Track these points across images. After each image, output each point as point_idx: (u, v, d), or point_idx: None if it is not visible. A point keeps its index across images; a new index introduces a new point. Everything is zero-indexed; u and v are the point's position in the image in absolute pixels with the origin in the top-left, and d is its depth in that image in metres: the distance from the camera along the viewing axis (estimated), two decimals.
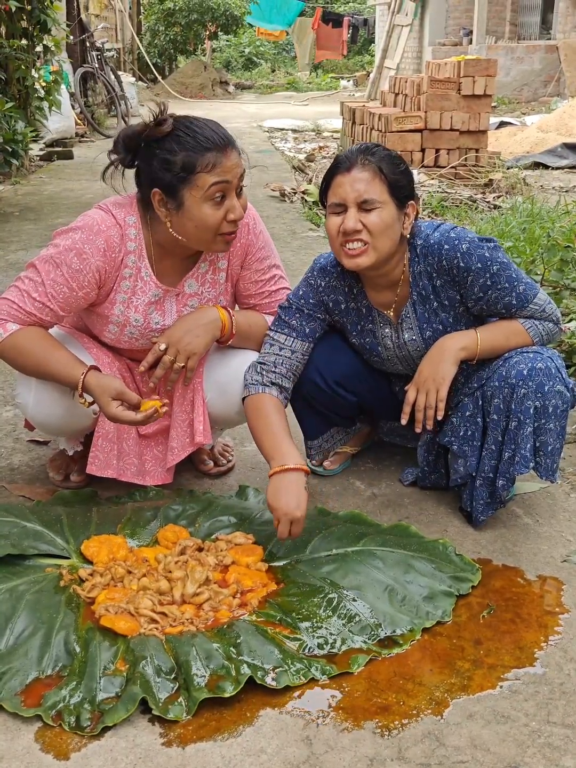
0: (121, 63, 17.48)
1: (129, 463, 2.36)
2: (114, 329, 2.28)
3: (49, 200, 7.17)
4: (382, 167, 2.10)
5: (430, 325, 2.27)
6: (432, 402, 2.19)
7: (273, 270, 2.36)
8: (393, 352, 2.36)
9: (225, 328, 2.26)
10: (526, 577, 2.08)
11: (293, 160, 9.16)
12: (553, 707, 1.66)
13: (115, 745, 1.57)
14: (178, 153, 2.03)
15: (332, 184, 2.14)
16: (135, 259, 2.20)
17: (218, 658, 1.72)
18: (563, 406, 2.15)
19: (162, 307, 2.28)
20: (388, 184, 2.10)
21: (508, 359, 2.18)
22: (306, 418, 2.50)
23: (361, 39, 26.25)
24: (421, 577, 2.00)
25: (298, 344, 2.30)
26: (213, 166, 2.03)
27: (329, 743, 1.57)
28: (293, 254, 5.25)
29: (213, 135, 2.04)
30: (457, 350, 2.20)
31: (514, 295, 2.16)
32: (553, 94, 15.15)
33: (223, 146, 2.04)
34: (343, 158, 2.14)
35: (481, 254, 2.13)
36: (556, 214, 5.30)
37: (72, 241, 2.12)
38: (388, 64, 14.68)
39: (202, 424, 2.31)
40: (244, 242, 2.28)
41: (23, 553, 2.02)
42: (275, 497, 2.02)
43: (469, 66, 7.62)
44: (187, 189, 2.05)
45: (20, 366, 2.18)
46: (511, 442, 2.16)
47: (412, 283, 2.24)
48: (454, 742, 1.58)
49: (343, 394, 2.41)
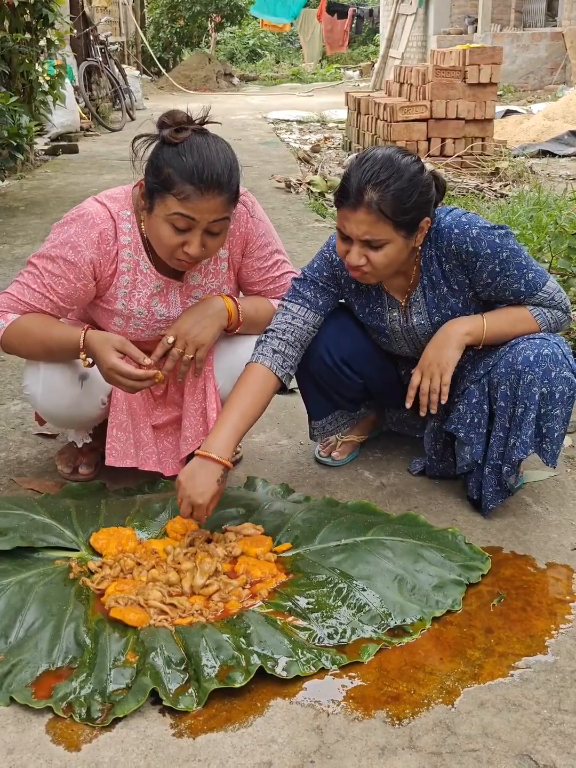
0: (125, 56, 17.46)
1: (149, 452, 2.37)
2: (119, 321, 2.28)
3: (55, 194, 7.17)
4: (388, 211, 2.00)
5: (438, 311, 2.27)
6: (436, 386, 2.18)
7: (275, 255, 2.35)
8: (401, 335, 2.36)
9: (232, 317, 2.26)
10: (536, 566, 2.07)
11: (298, 152, 9.13)
12: (564, 695, 1.65)
13: (125, 736, 1.57)
14: (168, 166, 2.00)
15: (340, 211, 2.08)
16: (131, 252, 2.20)
17: (228, 648, 1.72)
18: (570, 392, 2.14)
19: (166, 299, 2.28)
20: (393, 223, 2.03)
21: (514, 346, 2.17)
22: (311, 397, 2.50)
23: (366, 29, 26.12)
24: (431, 567, 2.00)
25: (310, 315, 2.30)
26: (185, 198, 1.98)
27: (340, 732, 1.57)
28: (299, 245, 5.24)
29: (206, 170, 1.97)
30: (462, 335, 2.19)
31: (522, 282, 2.15)
32: (559, 81, 15.05)
33: (207, 187, 1.97)
34: (350, 190, 2.03)
35: (491, 240, 2.12)
36: (563, 202, 5.27)
37: (67, 234, 2.14)
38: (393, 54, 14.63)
39: (216, 411, 2.31)
40: (244, 231, 2.26)
41: (32, 545, 2.02)
42: (186, 477, 2.04)
43: (475, 54, 7.59)
44: (158, 201, 2.03)
45: (25, 348, 2.19)
46: (516, 428, 2.15)
47: (423, 268, 2.24)
48: (465, 730, 1.57)
49: (348, 374, 2.40)
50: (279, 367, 2.22)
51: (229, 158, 2.04)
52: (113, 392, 2.29)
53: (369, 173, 2.02)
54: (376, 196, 2.00)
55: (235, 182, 2.05)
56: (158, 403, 2.44)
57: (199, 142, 2.02)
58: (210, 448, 2.06)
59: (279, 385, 2.24)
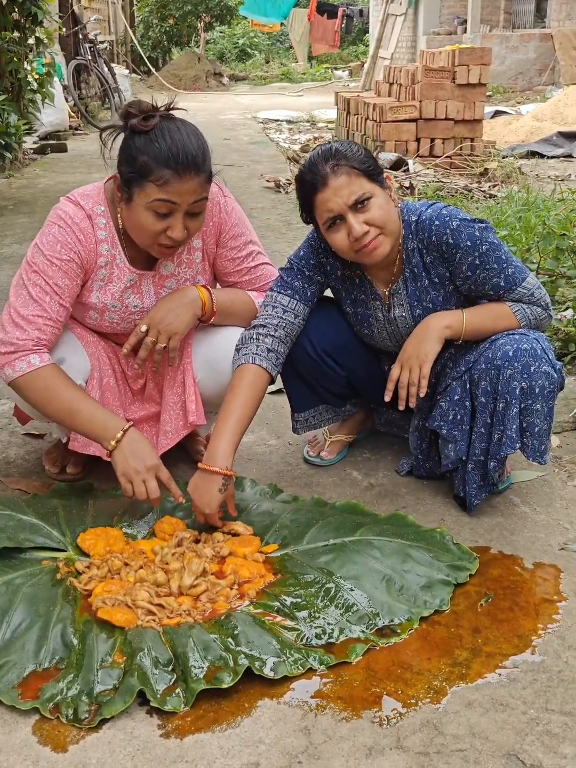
0: (114, 55, 17.42)
1: None
2: (94, 315, 2.29)
3: (43, 193, 7.14)
4: (350, 164, 2.09)
5: (420, 304, 2.28)
6: (415, 379, 2.20)
7: (249, 246, 2.35)
8: (383, 326, 2.37)
9: (205, 306, 2.26)
10: (523, 565, 2.08)
11: (288, 151, 9.13)
12: (551, 695, 1.66)
13: (113, 737, 1.57)
14: (142, 154, 2.00)
15: (316, 205, 2.14)
16: (108, 247, 2.21)
17: (216, 649, 1.72)
18: (550, 387, 2.14)
19: (139, 290, 2.28)
20: (363, 173, 2.10)
21: (494, 341, 2.19)
22: (294, 389, 2.50)
23: (356, 29, 26.13)
24: (419, 566, 2.00)
25: (300, 308, 2.31)
26: (164, 183, 1.99)
27: (328, 733, 1.57)
28: (288, 245, 5.24)
29: (181, 153, 1.99)
30: (442, 328, 2.20)
31: (502, 277, 2.17)
32: (547, 82, 15.10)
33: (185, 169, 1.99)
34: (313, 177, 2.12)
35: (471, 233, 2.14)
36: (551, 203, 5.29)
37: (53, 236, 2.15)
38: (383, 54, 14.65)
39: (195, 403, 2.31)
40: (216, 221, 2.27)
41: (19, 546, 2.01)
42: (192, 490, 2.12)
43: (464, 55, 7.59)
44: (137, 190, 2.04)
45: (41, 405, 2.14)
46: (499, 423, 2.16)
47: (405, 260, 2.26)
48: (452, 730, 1.57)
49: (331, 365, 2.41)
50: (273, 366, 2.24)
51: (200, 139, 2.07)
52: (89, 380, 2.29)
53: (322, 155, 2.13)
54: (338, 162, 2.10)
55: (209, 162, 2.08)
56: (136, 398, 2.44)
57: (169, 126, 2.04)
58: (210, 460, 2.11)
59: (271, 381, 2.26)
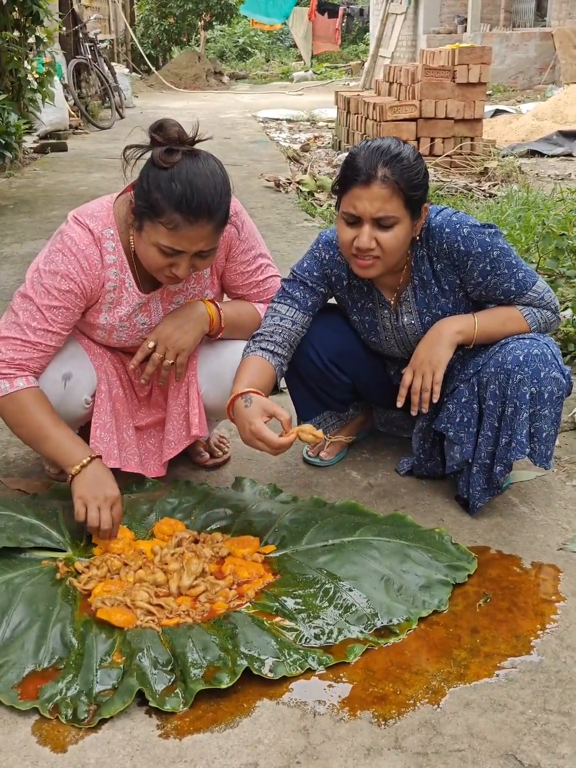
0: (114, 54, 17.41)
1: (131, 454, 2.35)
2: (102, 334, 2.28)
3: (44, 193, 7.14)
4: (401, 183, 2.04)
5: (429, 311, 2.28)
6: (428, 385, 2.19)
7: (259, 260, 2.34)
8: (391, 334, 2.36)
9: (213, 322, 2.25)
10: (522, 566, 2.08)
11: (288, 150, 9.14)
12: (549, 695, 1.66)
13: (112, 737, 1.57)
14: (157, 191, 1.97)
15: (349, 193, 2.08)
16: (117, 271, 2.18)
17: (215, 649, 1.72)
18: (559, 392, 2.15)
19: (147, 308, 2.27)
20: (405, 199, 2.06)
21: (504, 345, 2.18)
22: (299, 397, 2.50)
23: (356, 28, 26.13)
24: (418, 567, 2.00)
25: (299, 316, 2.30)
26: (174, 228, 1.96)
27: (326, 733, 1.58)
28: (288, 245, 5.24)
29: (195, 199, 1.94)
30: (454, 333, 2.20)
31: (513, 282, 2.17)
32: (548, 81, 15.09)
33: (197, 216, 1.95)
34: (363, 167, 2.04)
35: (481, 239, 2.13)
36: (551, 202, 5.29)
37: (55, 264, 2.10)
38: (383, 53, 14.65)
39: (198, 416, 2.30)
40: (227, 236, 2.22)
41: (19, 546, 2.02)
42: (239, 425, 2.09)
43: (464, 54, 7.60)
44: (147, 224, 2.01)
45: (14, 422, 2.15)
46: (507, 428, 2.16)
47: (414, 268, 2.25)
48: (450, 730, 1.58)
49: (336, 373, 2.41)
50: (271, 357, 2.23)
51: (219, 182, 2.00)
52: (97, 392, 2.29)
53: (379, 152, 2.06)
54: (388, 171, 2.04)
55: (225, 207, 2.03)
56: (142, 405, 2.44)
57: (189, 166, 1.97)
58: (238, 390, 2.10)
59: (275, 377, 2.24)
